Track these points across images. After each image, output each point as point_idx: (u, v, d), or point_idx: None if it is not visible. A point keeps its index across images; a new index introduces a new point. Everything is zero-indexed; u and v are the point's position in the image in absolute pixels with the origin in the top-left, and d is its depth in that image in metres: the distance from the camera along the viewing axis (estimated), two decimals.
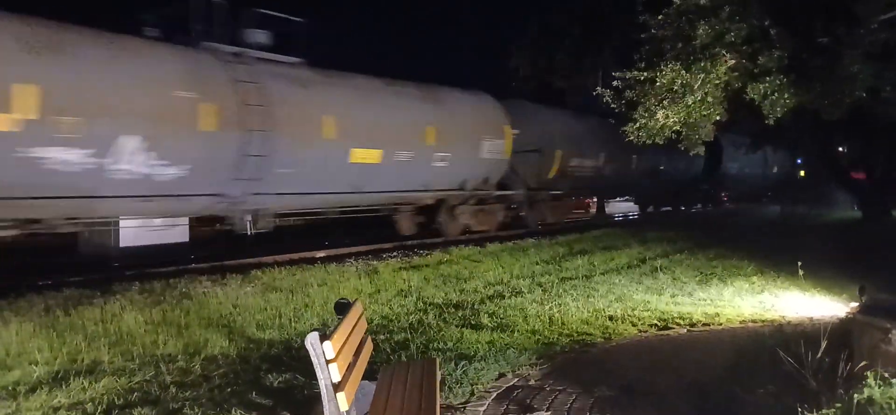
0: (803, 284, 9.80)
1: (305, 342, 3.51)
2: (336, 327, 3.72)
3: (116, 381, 5.75)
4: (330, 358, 3.45)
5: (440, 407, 5.12)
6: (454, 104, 18.09)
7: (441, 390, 5.47)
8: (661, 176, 29.98)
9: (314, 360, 3.50)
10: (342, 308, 4.36)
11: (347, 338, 3.89)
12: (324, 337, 3.50)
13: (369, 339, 4.68)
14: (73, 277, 10.97)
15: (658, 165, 29.18)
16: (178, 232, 13.98)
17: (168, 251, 13.42)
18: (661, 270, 12.12)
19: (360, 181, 15.19)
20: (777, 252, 13.36)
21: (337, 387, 3.47)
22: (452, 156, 17.23)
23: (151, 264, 12.49)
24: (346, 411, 3.53)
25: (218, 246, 15.41)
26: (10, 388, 5.46)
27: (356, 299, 4.56)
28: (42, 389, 5.48)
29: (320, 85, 14.56)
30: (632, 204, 33.93)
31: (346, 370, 3.68)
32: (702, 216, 32.10)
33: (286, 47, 14.62)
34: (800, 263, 9.97)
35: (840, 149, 26.27)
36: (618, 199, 34.05)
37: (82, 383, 5.63)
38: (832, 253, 12.98)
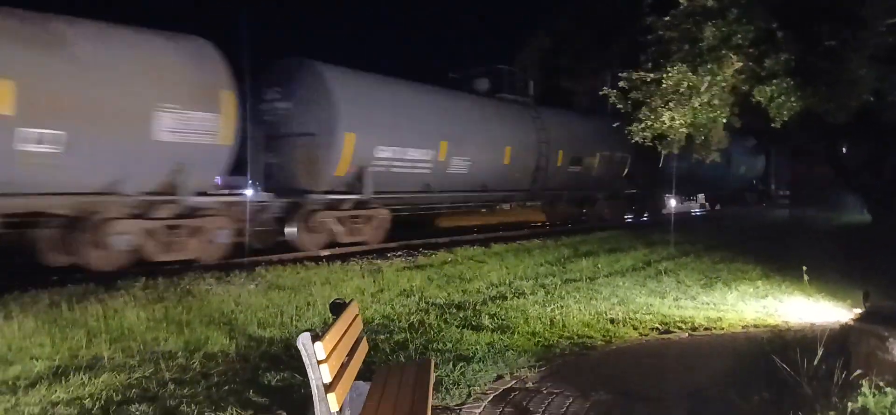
0: (808, 289, 9.70)
1: (297, 342, 3.52)
2: (328, 328, 3.73)
3: (116, 377, 5.78)
4: (321, 359, 3.45)
5: (434, 408, 5.15)
6: (81, 46, 10.95)
7: (437, 392, 5.48)
8: (561, 176, 22.59)
9: (306, 360, 3.50)
10: (337, 309, 4.37)
11: (340, 339, 3.89)
12: (315, 337, 3.50)
13: (365, 339, 4.68)
14: (79, 273, 11.07)
15: (552, 159, 21.70)
16: None
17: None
18: (665, 272, 12.08)
19: None
20: (784, 256, 13.26)
21: (328, 387, 3.47)
22: (72, 136, 10.62)
23: (158, 261, 12.55)
24: (338, 411, 3.54)
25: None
26: (9, 383, 5.50)
27: (352, 300, 4.56)
28: (42, 384, 5.51)
29: None
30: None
31: (338, 371, 3.68)
32: (707, 219, 31.85)
33: None
34: (805, 268, 9.90)
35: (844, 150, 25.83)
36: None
37: (82, 379, 5.66)
38: (840, 257, 12.89)
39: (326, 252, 14.39)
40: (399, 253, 14.59)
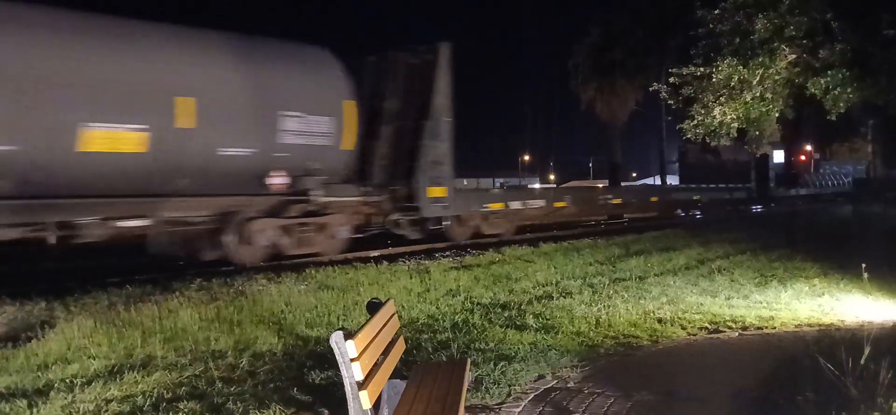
0: (868, 288, 9.38)
1: (330, 341, 3.59)
2: (361, 327, 3.79)
3: (167, 375, 5.98)
4: (353, 357, 3.52)
5: (474, 407, 5.17)
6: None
7: (477, 391, 5.51)
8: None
9: (339, 358, 3.57)
10: (373, 308, 4.43)
11: (374, 337, 3.95)
12: (348, 336, 3.56)
13: (401, 338, 4.73)
14: (138, 275, 11.47)
15: None
16: None
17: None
18: (719, 271, 11.83)
19: None
20: (845, 254, 12.80)
21: (360, 385, 3.54)
22: None
23: (214, 263, 12.93)
24: (371, 408, 3.60)
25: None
26: (67, 381, 5.74)
27: (388, 299, 4.63)
28: (97, 382, 5.74)
29: None
30: None
31: (371, 369, 3.74)
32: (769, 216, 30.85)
33: None
34: (864, 266, 9.56)
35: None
36: None
37: (135, 377, 5.86)
38: None
39: (376, 253, 14.57)
40: (447, 253, 14.66)
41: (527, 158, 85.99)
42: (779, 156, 43.85)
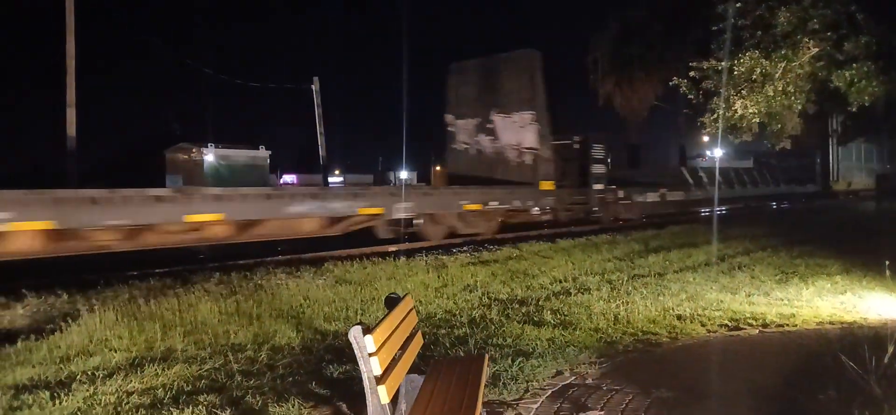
0: (891, 285, 9.26)
1: (349, 335, 3.60)
2: (380, 322, 3.79)
3: (187, 368, 6.02)
4: (371, 351, 3.52)
5: (491, 402, 5.16)
6: None
7: (495, 386, 5.49)
8: None
9: (357, 353, 3.58)
10: (391, 303, 4.44)
11: (393, 332, 3.95)
12: (366, 331, 3.57)
13: (419, 333, 4.73)
14: (158, 268, 11.58)
15: None
16: None
17: (253, 244, 13.91)
18: (739, 267, 11.71)
19: None
20: (868, 251, 12.64)
21: (379, 379, 3.54)
22: None
23: (233, 256, 13.01)
24: (390, 403, 3.60)
25: (300, 240, 15.78)
26: (89, 373, 5.81)
27: (406, 294, 4.62)
28: (118, 374, 5.80)
29: None
30: None
31: (389, 364, 3.74)
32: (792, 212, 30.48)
33: None
34: (887, 263, 9.43)
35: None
36: None
37: (156, 370, 5.92)
38: None
39: (394, 248, 14.59)
40: (465, 248, 14.66)
41: None
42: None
